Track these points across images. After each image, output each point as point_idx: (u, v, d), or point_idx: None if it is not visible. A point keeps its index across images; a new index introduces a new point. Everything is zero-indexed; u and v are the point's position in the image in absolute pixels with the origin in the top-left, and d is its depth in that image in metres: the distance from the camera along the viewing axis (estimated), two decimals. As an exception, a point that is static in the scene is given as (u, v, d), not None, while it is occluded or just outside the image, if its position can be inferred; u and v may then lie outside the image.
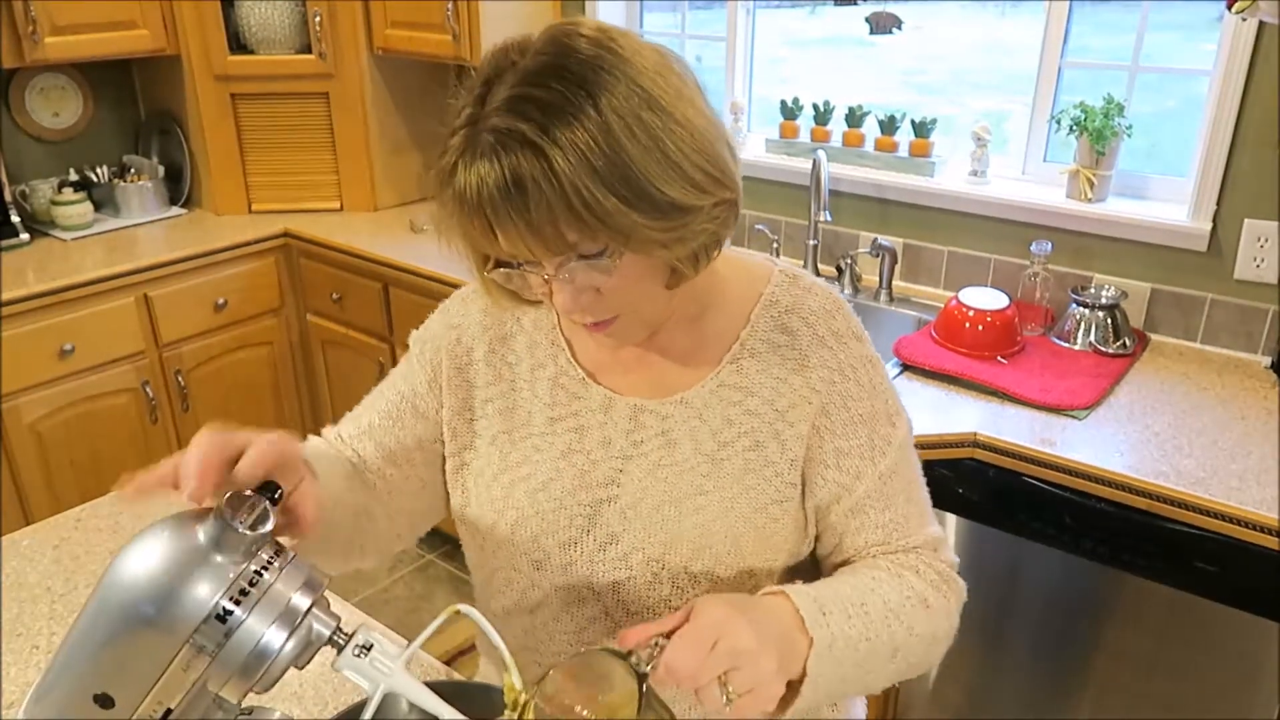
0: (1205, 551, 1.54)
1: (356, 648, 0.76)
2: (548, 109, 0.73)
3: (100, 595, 0.71)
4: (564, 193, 0.73)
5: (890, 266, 2.36)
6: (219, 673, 0.71)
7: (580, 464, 0.94)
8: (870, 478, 0.92)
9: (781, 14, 2.91)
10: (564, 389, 0.96)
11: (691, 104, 0.79)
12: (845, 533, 0.94)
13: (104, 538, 1.39)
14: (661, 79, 0.78)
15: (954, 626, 0.93)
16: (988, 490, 1.74)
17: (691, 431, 0.92)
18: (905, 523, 0.93)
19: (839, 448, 0.91)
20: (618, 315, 0.86)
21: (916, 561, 0.92)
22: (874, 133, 2.45)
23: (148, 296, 2.68)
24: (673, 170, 0.76)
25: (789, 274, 0.96)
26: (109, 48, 2.79)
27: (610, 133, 0.73)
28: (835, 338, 0.93)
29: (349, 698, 1.09)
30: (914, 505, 0.95)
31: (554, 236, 0.76)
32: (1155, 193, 2.14)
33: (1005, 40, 2.65)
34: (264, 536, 0.73)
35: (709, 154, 0.79)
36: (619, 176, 0.74)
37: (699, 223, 0.80)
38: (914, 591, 0.89)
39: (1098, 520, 1.63)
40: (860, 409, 0.92)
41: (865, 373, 0.93)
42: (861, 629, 0.83)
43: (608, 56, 0.76)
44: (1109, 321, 2.01)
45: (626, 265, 0.80)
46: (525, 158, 0.73)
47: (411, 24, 2.81)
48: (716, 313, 0.95)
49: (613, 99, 0.74)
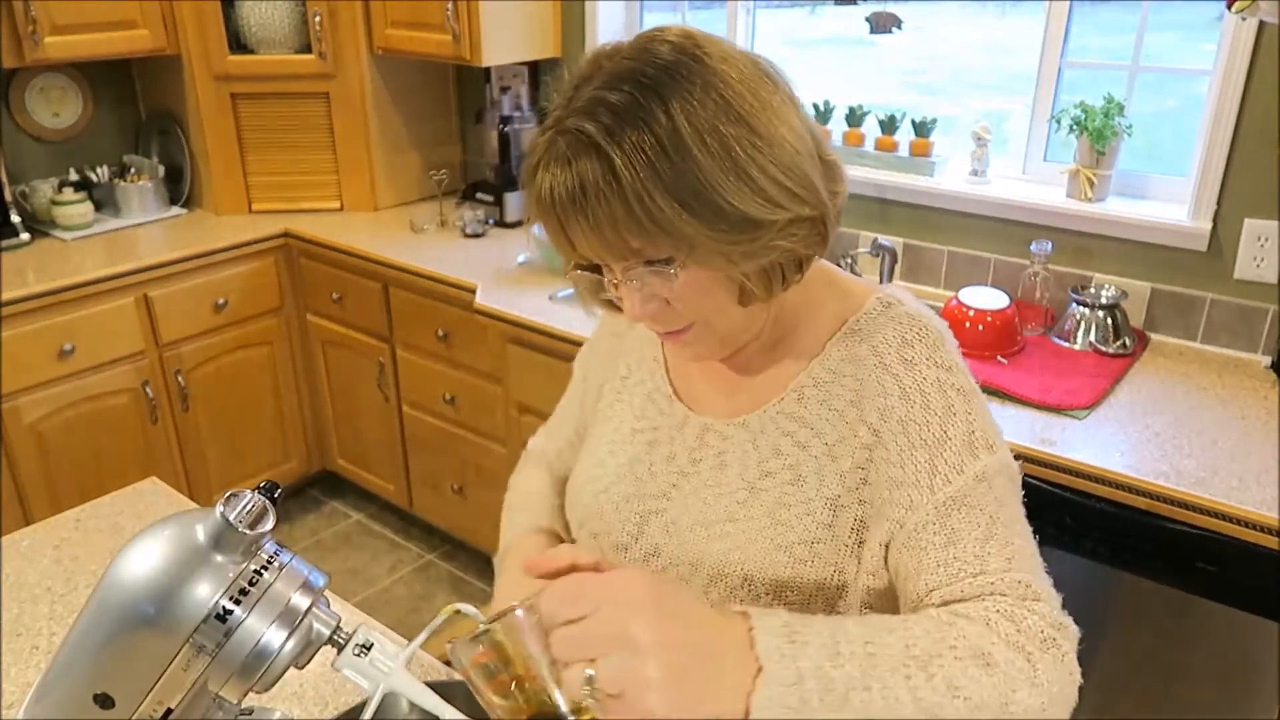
0: (1205, 551, 1.54)
1: (356, 647, 0.76)
2: (618, 112, 0.73)
3: (100, 595, 0.71)
4: (625, 197, 0.72)
5: (890, 266, 2.36)
6: (219, 672, 0.71)
7: (641, 474, 0.96)
8: (925, 507, 0.79)
9: (781, 14, 2.91)
10: (653, 404, 0.99)
11: (778, 115, 0.77)
12: (905, 578, 0.80)
13: (104, 538, 1.39)
14: (745, 89, 0.76)
15: (1049, 705, 0.69)
16: (988, 490, 1.74)
17: (742, 456, 0.90)
18: (980, 561, 0.77)
19: (893, 477, 0.82)
20: (689, 326, 0.84)
21: (988, 611, 0.73)
22: (874, 132, 2.45)
23: (148, 296, 2.68)
24: (744, 182, 0.74)
25: (885, 300, 0.89)
26: (109, 47, 2.79)
27: (679, 138, 0.72)
28: (904, 364, 0.85)
29: (349, 698, 1.09)
30: (998, 545, 0.78)
31: (617, 241, 0.76)
32: (1155, 192, 2.14)
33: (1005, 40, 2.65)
34: (264, 536, 0.73)
35: (789, 168, 0.77)
36: (684, 184, 0.72)
37: (770, 238, 0.77)
38: (965, 640, 0.69)
39: (1098, 520, 1.63)
40: (923, 434, 0.82)
41: (939, 397, 0.83)
42: (857, 674, 0.64)
43: (688, 62, 0.75)
44: (1109, 321, 2.01)
45: (691, 276, 0.78)
46: (590, 161, 0.73)
47: (411, 24, 2.81)
48: (799, 336, 0.91)
49: (687, 105, 0.73)
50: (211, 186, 3.07)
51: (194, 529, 0.72)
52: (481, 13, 2.61)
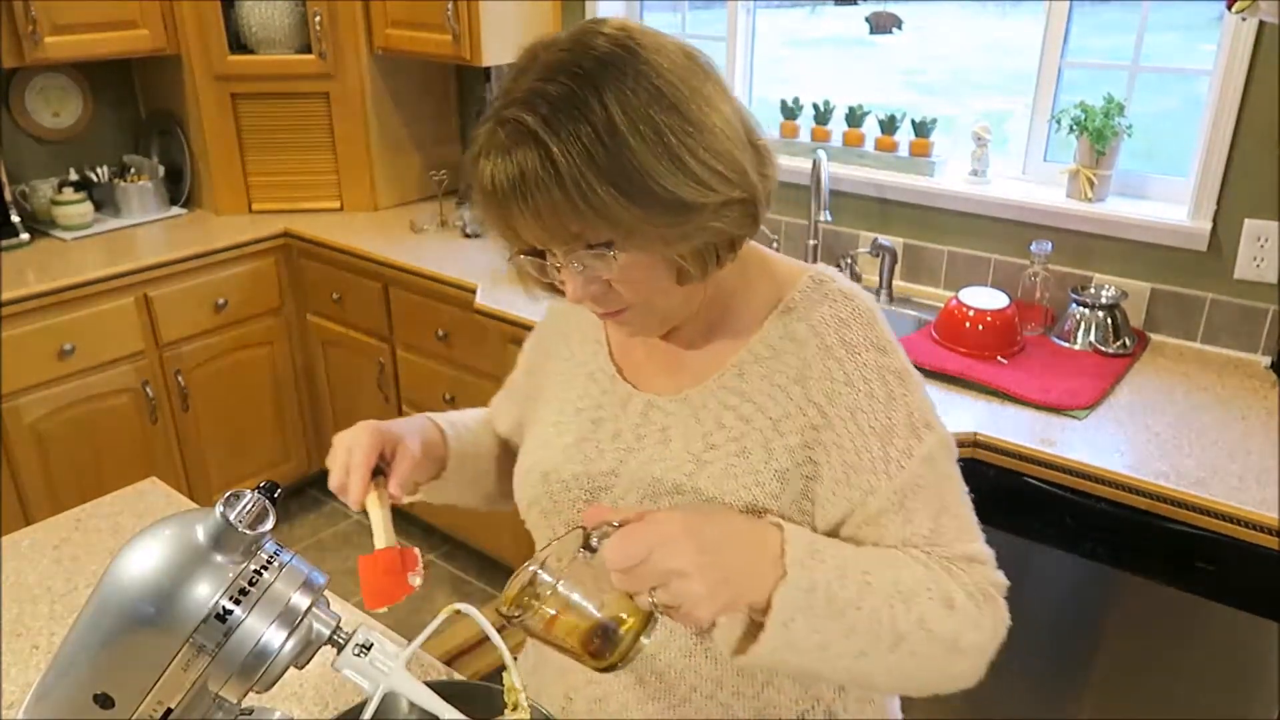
0: (1205, 551, 1.54)
1: (356, 647, 0.76)
2: (554, 103, 0.76)
3: (100, 595, 0.71)
4: (564, 184, 0.75)
5: (890, 266, 2.36)
6: (219, 672, 0.71)
7: (589, 452, 0.97)
8: (884, 493, 0.87)
9: (781, 14, 2.91)
10: (596, 383, 1.01)
11: (709, 102, 0.80)
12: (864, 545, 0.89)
13: (104, 538, 1.39)
14: (677, 78, 0.79)
15: (985, 647, 0.85)
16: (988, 490, 1.73)
17: (685, 430, 0.93)
18: (935, 536, 0.87)
19: (847, 462, 0.87)
20: (629, 306, 0.87)
21: (951, 566, 0.86)
22: (874, 132, 2.45)
23: (148, 296, 2.68)
24: (677, 167, 0.77)
25: (817, 279, 0.93)
26: (109, 47, 2.79)
27: (614, 127, 0.75)
28: (846, 348, 0.89)
29: (349, 698, 1.09)
30: (949, 519, 0.89)
31: (558, 227, 0.78)
32: (1155, 193, 2.14)
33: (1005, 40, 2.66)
34: (264, 536, 0.73)
35: (720, 153, 0.80)
36: (620, 171, 0.75)
37: (704, 221, 0.80)
38: (938, 585, 0.83)
39: (1098, 520, 1.63)
40: (872, 421, 0.87)
41: (881, 384, 0.88)
42: (855, 594, 0.78)
43: (622, 54, 0.78)
44: (1109, 321, 2.01)
45: (630, 259, 0.81)
46: (529, 150, 0.75)
47: (411, 24, 2.81)
48: (737, 314, 0.95)
49: (621, 95, 0.76)
50: (211, 186, 3.07)
51: (194, 529, 0.72)
52: (481, 12, 2.61)
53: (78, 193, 2.89)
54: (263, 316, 2.98)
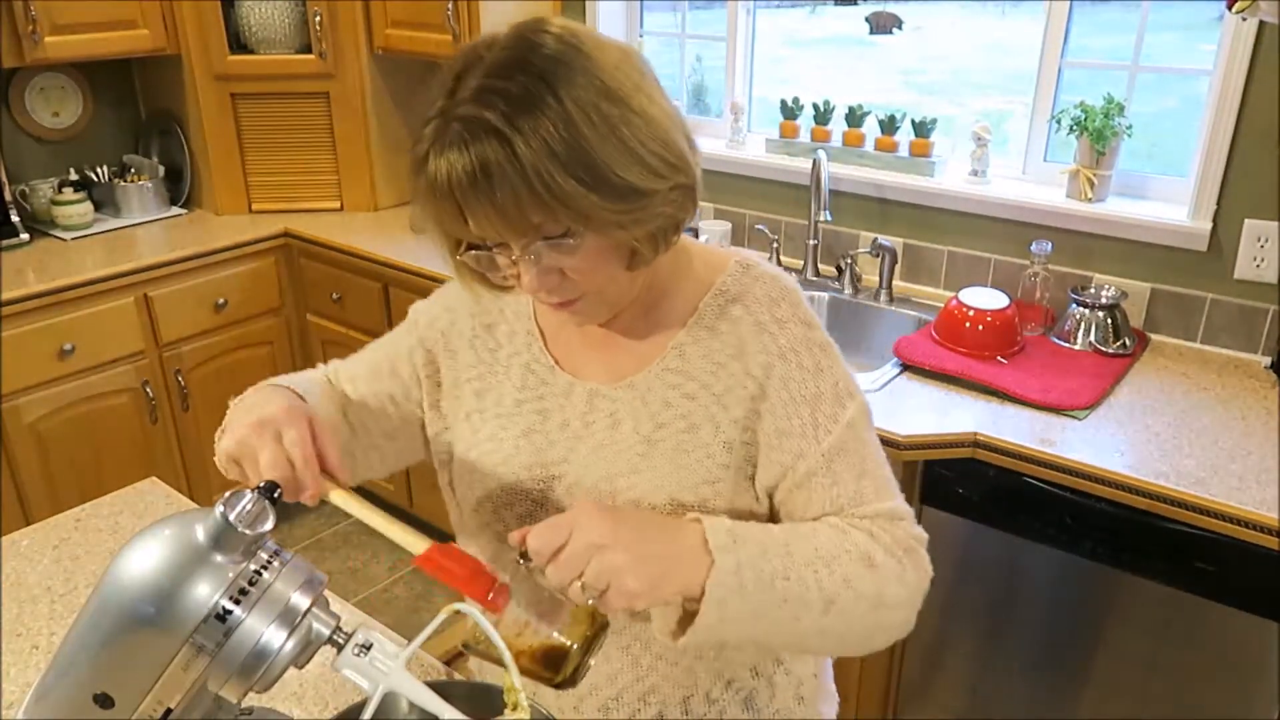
0: (1205, 551, 1.54)
1: (356, 647, 0.76)
2: (512, 99, 0.79)
3: (100, 595, 0.71)
4: (526, 176, 0.78)
5: (890, 266, 2.36)
6: (219, 672, 0.71)
7: (539, 443, 1.01)
8: (813, 456, 0.93)
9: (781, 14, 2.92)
10: (534, 374, 1.03)
11: (649, 97, 0.85)
12: (794, 508, 0.95)
13: (104, 538, 1.39)
14: (620, 73, 0.83)
15: (911, 598, 0.91)
16: (988, 490, 1.74)
17: (634, 414, 0.97)
18: (857, 495, 0.94)
19: (780, 428, 0.94)
20: (582, 296, 0.91)
21: (871, 526, 0.92)
22: (874, 133, 2.45)
23: (148, 296, 2.68)
24: (629, 156, 0.81)
25: (743, 263, 1.00)
26: (109, 47, 2.79)
27: (570, 121, 0.79)
28: (777, 323, 0.96)
29: (349, 698, 1.09)
30: (869, 480, 0.95)
31: (519, 218, 0.81)
32: (1155, 193, 2.14)
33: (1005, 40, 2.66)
34: (263, 536, 0.73)
35: (665, 141, 0.84)
36: (578, 161, 0.79)
37: (656, 205, 0.85)
38: (856, 547, 0.88)
39: (1098, 520, 1.63)
40: (802, 390, 0.94)
41: (809, 356, 0.95)
42: (780, 567, 0.84)
43: (569, 52, 0.81)
44: (1109, 321, 2.01)
45: (588, 247, 0.85)
46: (491, 144, 0.78)
47: (412, 24, 2.81)
48: (672, 301, 0.99)
49: (573, 90, 0.80)
50: (211, 186, 3.07)
51: (194, 529, 0.72)
52: (481, 12, 2.61)
53: (78, 193, 2.89)
54: (263, 316, 2.98)
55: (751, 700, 1.05)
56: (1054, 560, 1.71)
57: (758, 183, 2.60)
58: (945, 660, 1.94)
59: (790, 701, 1.08)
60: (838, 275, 2.44)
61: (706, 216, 2.68)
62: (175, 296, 2.74)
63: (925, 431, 1.73)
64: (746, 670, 1.04)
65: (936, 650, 1.94)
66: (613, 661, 1.01)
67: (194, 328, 2.81)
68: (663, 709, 1.02)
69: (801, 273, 2.48)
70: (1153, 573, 1.61)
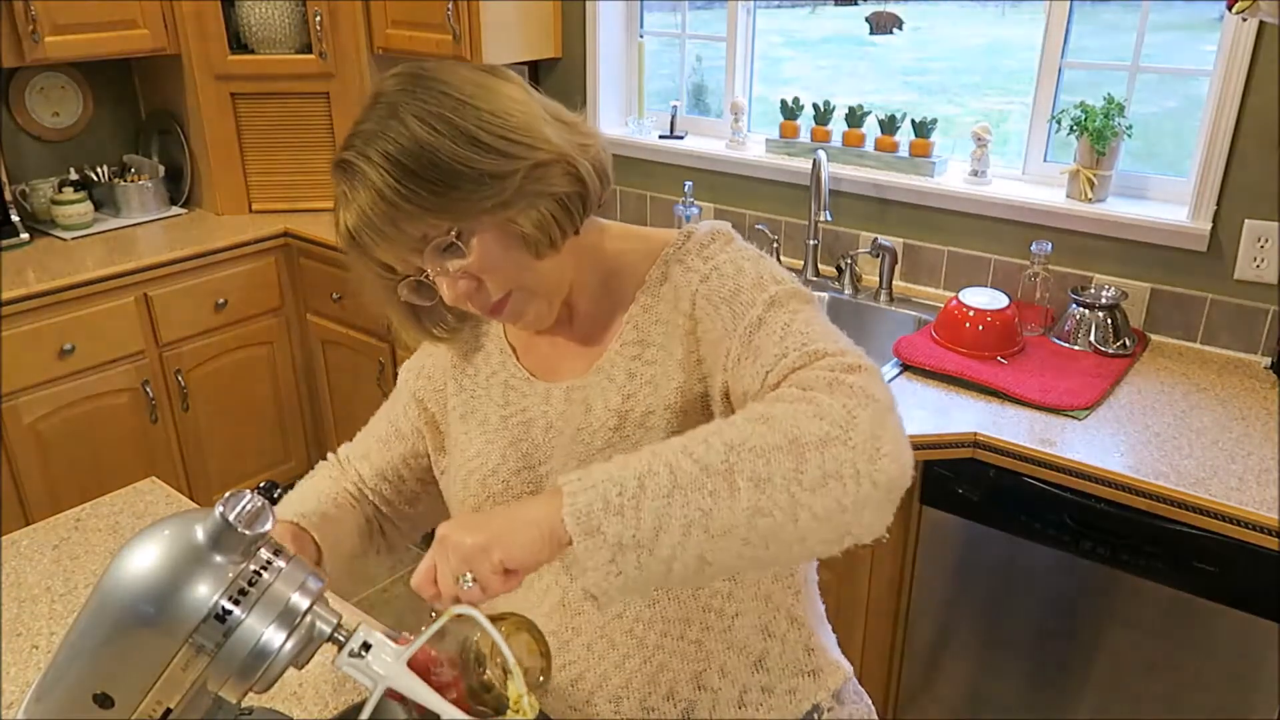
0: (1205, 552, 1.54)
1: (357, 646, 0.76)
2: (363, 135, 0.88)
3: (100, 595, 0.71)
4: (385, 195, 0.85)
5: (890, 266, 2.36)
6: (218, 672, 0.71)
7: (525, 449, 1.03)
8: (735, 341, 0.88)
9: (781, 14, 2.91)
10: (513, 389, 1.05)
11: (498, 91, 0.90)
12: (735, 405, 0.89)
13: (104, 538, 1.39)
14: (464, 80, 0.89)
15: (845, 431, 0.74)
16: (988, 490, 1.74)
17: (603, 394, 0.98)
18: (782, 354, 0.84)
19: (711, 340, 0.93)
20: (508, 294, 0.93)
21: (780, 385, 0.81)
22: (874, 133, 2.45)
23: (148, 296, 2.68)
24: (475, 146, 0.86)
25: (686, 231, 1.01)
26: (109, 47, 2.79)
27: (414, 134, 0.85)
28: (702, 258, 0.97)
29: (349, 698, 1.09)
30: (795, 337, 0.85)
31: (402, 237, 0.88)
32: (1155, 193, 2.14)
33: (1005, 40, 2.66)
34: (263, 536, 0.73)
35: (514, 126, 0.88)
36: (430, 167, 0.85)
37: (518, 184, 0.88)
38: (751, 410, 0.77)
39: (1098, 520, 1.63)
40: (721, 293, 0.93)
41: (730, 265, 0.94)
42: (645, 465, 0.74)
43: (411, 78, 0.89)
44: (1109, 321, 2.01)
45: (480, 244, 0.89)
46: (358, 181, 0.87)
47: (412, 24, 2.81)
48: (620, 282, 1.01)
49: (415, 107, 0.86)
50: (211, 186, 3.07)
51: (193, 529, 0.72)
52: (481, 12, 2.61)
53: (78, 192, 2.89)
54: (263, 316, 2.98)
55: (762, 662, 1.03)
56: (1054, 560, 1.71)
57: (758, 183, 2.60)
58: (945, 660, 1.94)
59: (800, 654, 1.05)
60: (838, 275, 2.44)
61: (707, 216, 2.69)
62: (175, 296, 2.74)
63: (925, 431, 1.73)
64: (758, 633, 1.02)
65: (936, 650, 1.94)
66: (619, 647, 1.00)
67: (194, 328, 2.81)
68: (673, 686, 0.99)
69: (802, 273, 2.48)
70: (1152, 573, 1.61)
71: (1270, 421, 1.73)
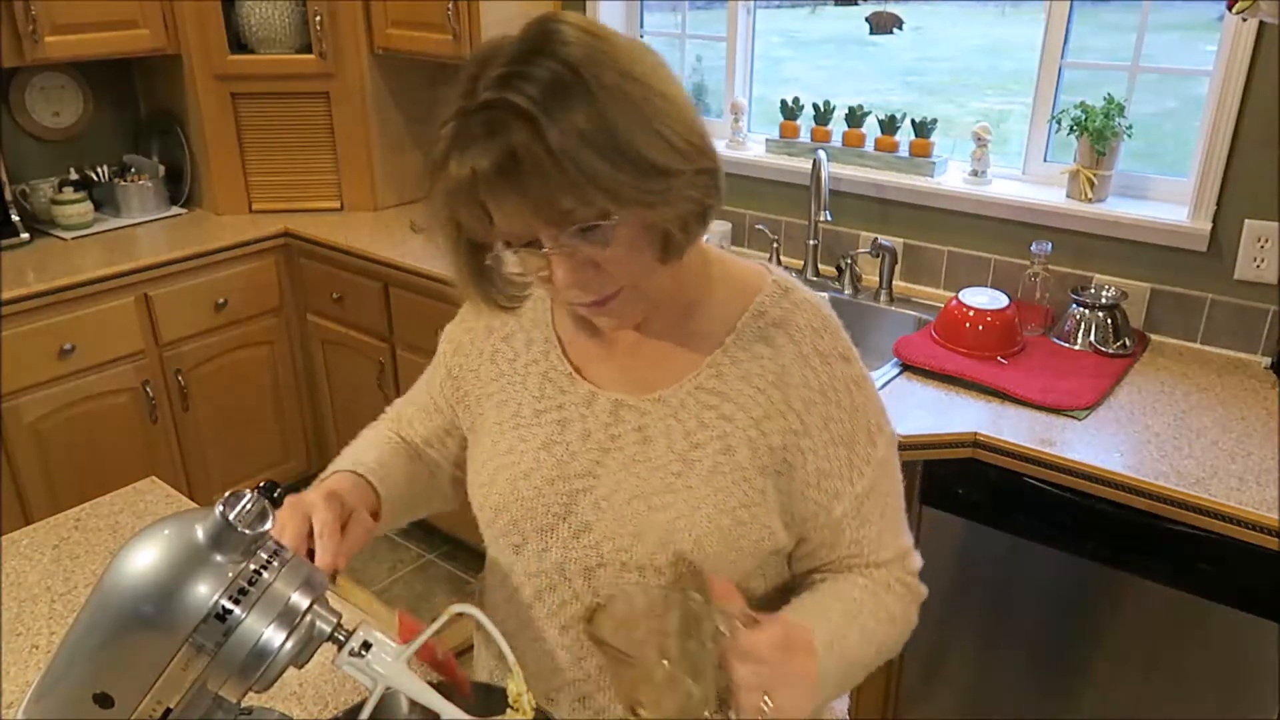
0: (1205, 552, 1.54)
1: (357, 645, 0.76)
2: (539, 83, 0.78)
3: (100, 595, 0.71)
4: (557, 160, 0.76)
5: (890, 266, 2.36)
6: (218, 672, 0.71)
7: (560, 455, 0.98)
8: (848, 498, 0.96)
9: (781, 14, 2.92)
10: (552, 383, 1.01)
11: (667, 81, 0.85)
12: (820, 545, 0.98)
13: (104, 538, 1.39)
14: (640, 60, 0.83)
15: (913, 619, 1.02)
16: (988, 490, 1.74)
17: (666, 430, 0.95)
18: (878, 538, 0.99)
19: (820, 468, 0.94)
20: (618, 291, 0.88)
21: (888, 577, 0.99)
22: (874, 133, 2.45)
23: (148, 296, 2.68)
24: (655, 137, 0.81)
25: (782, 285, 0.98)
26: (109, 47, 2.79)
27: (597, 102, 0.78)
28: (820, 358, 0.95)
29: (349, 697, 1.09)
30: (888, 520, 1.00)
31: (548, 207, 0.79)
32: (1155, 193, 2.14)
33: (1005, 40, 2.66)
34: (263, 535, 0.73)
35: (688, 124, 0.84)
36: (607, 142, 0.78)
37: (682, 187, 0.83)
38: (887, 613, 0.98)
39: (1098, 520, 1.63)
40: (840, 430, 0.95)
41: (848, 395, 0.95)
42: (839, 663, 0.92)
43: (588, 37, 0.82)
44: (1109, 322, 2.01)
45: (621, 234, 0.83)
46: (519, 130, 0.77)
47: (412, 23, 2.81)
48: (704, 313, 0.97)
49: (596, 72, 0.79)
50: (211, 186, 3.07)
51: (193, 529, 0.72)
52: (481, 12, 2.61)
53: (78, 192, 2.89)
54: (263, 316, 2.97)
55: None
56: (1054, 560, 1.71)
57: (758, 183, 2.60)
58: (945, 660, 1.94)
59: None
60: (838, 275, 2.44)
61: (706, 216, 2.68)
62: (175, 296, 2.74)
63: (925, 431, 1.73)
64: None
65: (936, 650, 1.94)
66: None
67: (194, 327, 2.81)
68: None
69: (802, 273, 2.48)
70: (1152, 573, 1.61)
71: (1270, 421, 1.73)
